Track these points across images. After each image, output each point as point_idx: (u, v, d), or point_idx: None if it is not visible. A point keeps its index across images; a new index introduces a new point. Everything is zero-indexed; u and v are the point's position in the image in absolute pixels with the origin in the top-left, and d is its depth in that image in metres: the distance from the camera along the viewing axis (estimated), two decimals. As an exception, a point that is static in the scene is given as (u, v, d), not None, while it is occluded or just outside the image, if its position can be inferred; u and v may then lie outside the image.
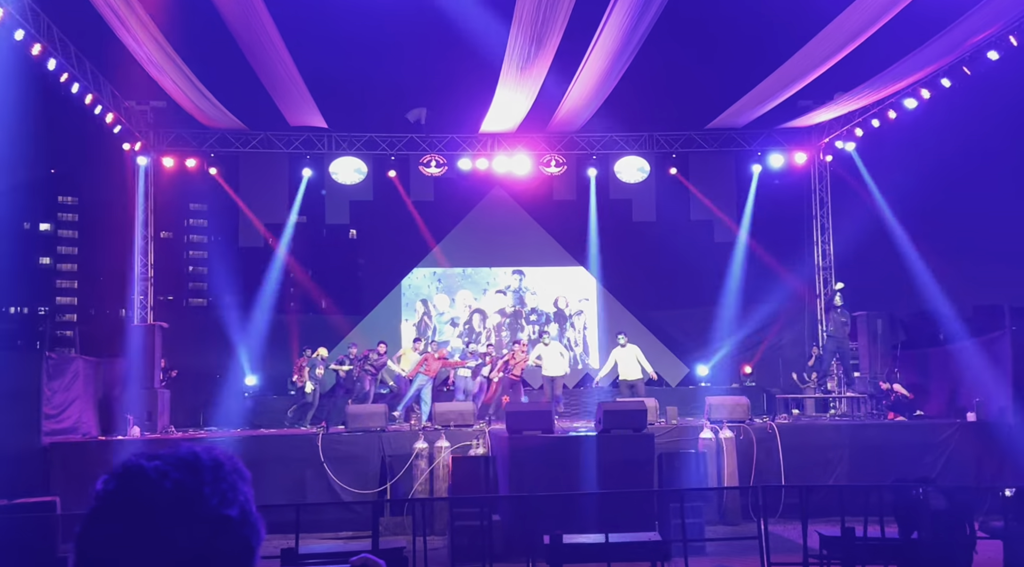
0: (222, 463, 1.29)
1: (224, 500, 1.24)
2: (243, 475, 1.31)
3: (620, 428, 11.90)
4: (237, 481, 1.29)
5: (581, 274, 21.62)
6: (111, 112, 16.51)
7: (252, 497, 1.31)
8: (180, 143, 18.79)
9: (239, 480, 1.29)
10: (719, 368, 20.61)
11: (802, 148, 19.74)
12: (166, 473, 1.23)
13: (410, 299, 21.43)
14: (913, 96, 16.18)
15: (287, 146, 19.09)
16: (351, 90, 18.98)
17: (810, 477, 13.08)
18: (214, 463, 1.28)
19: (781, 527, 11.74)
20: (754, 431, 13.76)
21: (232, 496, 1.26)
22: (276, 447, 13.83)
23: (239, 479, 1.29)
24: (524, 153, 19.35)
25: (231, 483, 1.27)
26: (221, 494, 1.24)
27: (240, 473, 1.31)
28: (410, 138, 19.32)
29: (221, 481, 1.26)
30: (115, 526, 1.19)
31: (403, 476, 13.33)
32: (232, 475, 1.29)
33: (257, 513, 1.31)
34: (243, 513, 1.27)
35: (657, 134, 19.66)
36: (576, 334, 21.44)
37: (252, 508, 1.29)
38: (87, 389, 14.85)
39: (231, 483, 1.27)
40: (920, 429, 14.37)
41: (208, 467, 1.26)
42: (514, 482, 11.53)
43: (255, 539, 1.28)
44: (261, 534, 1.30)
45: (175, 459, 1.26)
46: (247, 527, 1.27)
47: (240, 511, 1.26)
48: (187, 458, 1.26)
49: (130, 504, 1.20)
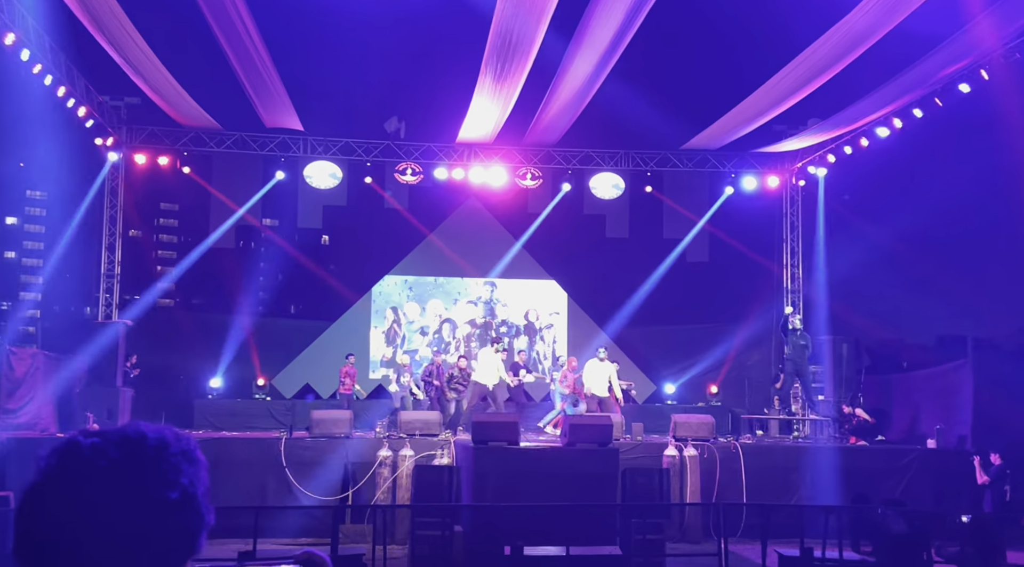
0: (168, 443, 1.24)
1: (164, 482, 1.20)
2: (191, 457, 1.26)
3: (585, 442, 11.89)
4: (181, 463, 1.23)
5: (552, 287, 21.68)
6: (84, 106, 16.33)
7: (201, 481, 1.25)
8: (153, 140, 18.61)
9: (184, 462, 1.24)
10: (686, 387, 20.73)
11: (775, 172, 19.95)
12: (103, 451, 1.19)
13: (380, 306, 21.34)
14: (885, 125, 16.41)
15: (262, 148, 18.97)
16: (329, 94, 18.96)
17: (772, 497, 13.15)
18: (159, 443, 1.23)
19: (741, 546, 11.77)
20: (718, 450, 13.82)
21: (174, 478, 1.21)
22: (238, 450, 13.66)
23: (184, 461, 1.24)
24: (500, 165, 19.38)
25: (174, 464, 1.22)
26: (162, 475, 1.20)
27: (188, 455, 1.25)
28: (386, 145, 19.29)
29: (163, 462, 1.21)
30: (50, 504, 1.16)
31: (366, 484, 13.23)
32: (177, 457, 1.23)
33: (204, 498, 1.25)
34: (185, 496, 1.21)
35: (633, 152, 19.78)
36: (545, 347, 21.46)
37: (198, 492, 1.24)
38: (47, 385, 14.62)
39: (174, 464, 1.22)
40: (881, 454, 14.51)
41: (152, 447, 1.22)
42: (477, 493, 11.47)
43: (197, 524, 1.23)
44: (206, 519, 1.25)
45: (118, 437, 1.22)
46: (189, 511, 1.22)
47: (182, 494, 1.21)
48: (131, 436, 1.22)
49: (65, 482, 1.17)
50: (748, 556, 11.30)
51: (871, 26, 12.56)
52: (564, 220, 20.52)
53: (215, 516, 1.30)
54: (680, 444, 13.68)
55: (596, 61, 14.01)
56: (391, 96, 19.40)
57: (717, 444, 14.04)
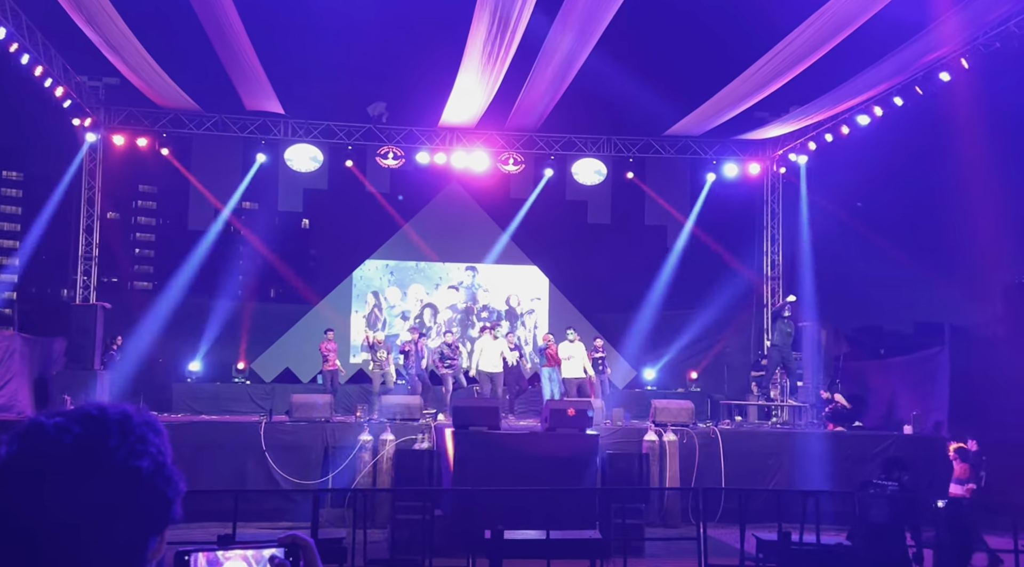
0: (130, 416, 1.25)
1: (132, 452, 1.20)
2: (155, 428, 1.27)
3: (566, 427, 11.92)
4: (147, 433, 1.24)
5: (534, 273, 21.68)
6: (61, 86, 16.11)
7: (168, 451, 1.27)
8: (132, 121, 18.39)
9: (149, 432, 1.25)
10: (666, 372, 20.82)
11: (756, 159, 20.00)
12: (67, 428, 1.19)
13: (361, 291, 21.27)
14: (866, 113, 16.47)
15: (242, 130, 18.78)
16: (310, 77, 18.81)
17: (750, 482, 13.23)
18: (121, 416, 1.24)
19: (720, 531, 11.85)
20: (697, 436, 13.90)
21: (142, 448, 1.22)
22: (217, 434, 13.60)
23: (150, 431, 1.25)
24: (483, 149, 19.31)
25: (140, 435, 1.23)
26: (129, 446, 1.20)
27: (152, 426, 1.26)
28: (368, 129, 19.16)
29: (129, 434, 1.22)
30: (19, 487, 1.16)
31: (346, 468, 13.20)
32: (142, 427, 1.24)
33: (174, 466, 1.26)
34: (156, 465, 1.22)
35: (615, 138, 19.76)
36: (527, 333, 21.47)
37: (167, 461, 1.25)
38: (23, 368, 14.48)
39: (140, 435, 1.23)
40: (858, 440, 14.64)
41: (114, 420, 1.22)
42: (458, 477, 11.48)
43: (171, 491, 1.24)
44: (179, 486, 1.26)
45: (79, 414, 1.23)
46: (160, 478, 1.23)
47: (152, 462, 1.22)
48: (92, 413, 1.23)
49: (31, 463, 1.17)
50: (726, 540, 11.38)
51: (853, 12, 12.59)
52: (546, 206, 20.50)
53: (195, 500, 1.31)
54: (660, 429, 13.74)
55: (579, 38, 13.92)
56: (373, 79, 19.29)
57: (696, 429, 14.12)
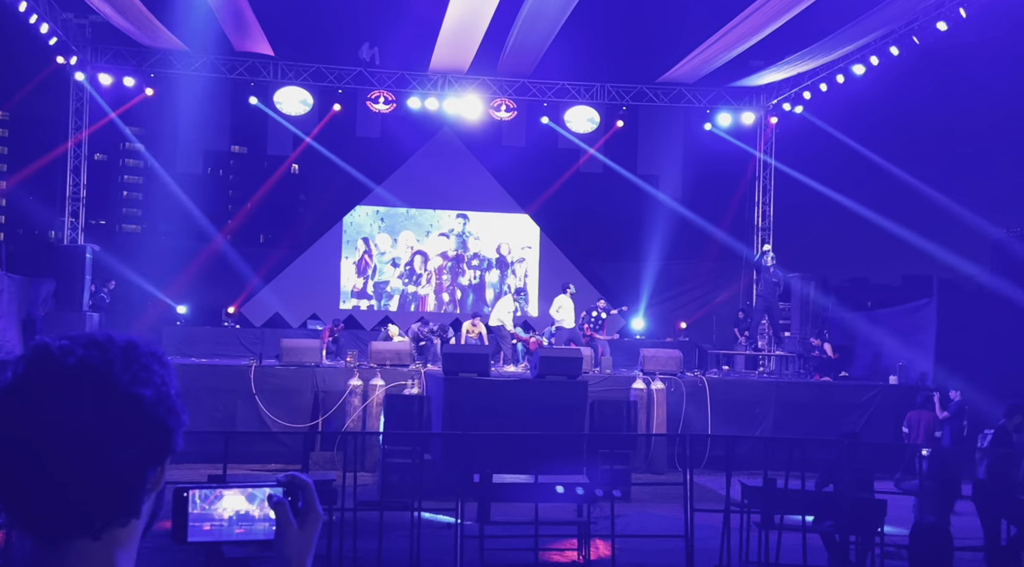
0: (137, 345, 1.24)
1: (136, 379, 1.20)
2: (161, 360, 1.26)
3: (555, 374, 11.99)
4: (152, 363, 1.23)
5: (525, 221, 21.61)
6: (46, 22, 15.79)
7: (172, 383, 1.26)
8: (119, 61, 18.08)
9: (155, 362, 1.24)
10: (655, 322, 20.89)
11: (750, 108, 19.85)
12: (71, 351, 1.18)
13: (351, 237, 21.19)
14: (862, 62, 16.33)
15: (231, 71, 18.50)
16: (300, 18, 18.46)
17: (736, 430, 13.36)
18: (127, 344, 1.23)
19: (706, 477, 12.01)
20: (685, 384, 14.01)
21: (145, 376, 1.21)
22: (206, 377, 13.60)
23: (155, 362, 1.24)
24: (475, 95, 19.09)
25: (144, 364, 1.22)
26: (132, 373, 1.20)
27: (157, 357, 1.26)
28: (359, 72, 18.89)
29: (133, 362, 1.21)
30: (22, 407, 1.16)
31: (336, 412, 13.28)
32: (147, 357, 1.23)
33: (178, 398, 1.26)
34: (159, 394, 1.22)
35: (609, 85, 19.55)
36: (517, 281, 21.47)
37: (171, 391, 1.24)
38: (11, 308, 14.44)
39: (144, 364, 1.22)
40: (844, 389, 14.80)
41: (120, 346, 1.22)
42: (447, 423, 11.56)
43: (173, 421, 1.23)
44: (181, 418, 1.25)
45: (86, 339, 1.22)
46: (162, 408, 1.22)
47: (155, 392, 1.21)
48: (98, 339, 1.22)
49: (35, 384, 1.17)
50: (712, 486, 11.54)
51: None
52: (538, 154, 20.36)
53: (185, 441, 1.31)
54: (648, 377, 13.85)
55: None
56: (364, 20, 18.93)
57: (684, 378, 14.23)
